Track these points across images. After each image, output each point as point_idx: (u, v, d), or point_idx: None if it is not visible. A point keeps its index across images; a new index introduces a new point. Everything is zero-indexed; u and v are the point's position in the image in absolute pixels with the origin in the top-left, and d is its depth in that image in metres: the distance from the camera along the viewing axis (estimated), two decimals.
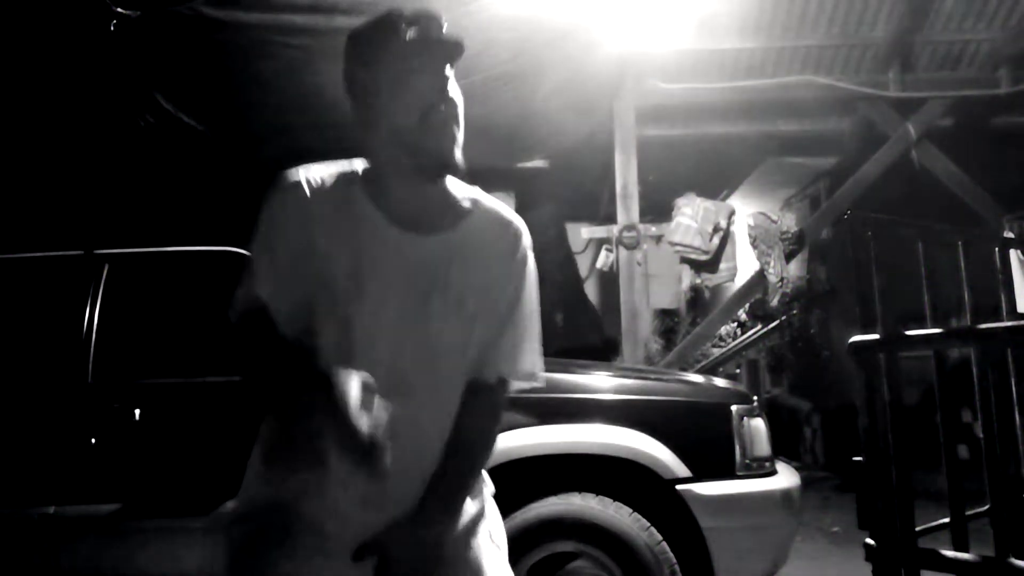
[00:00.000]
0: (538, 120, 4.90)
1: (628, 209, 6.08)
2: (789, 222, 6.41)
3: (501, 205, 1.41)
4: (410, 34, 1.24)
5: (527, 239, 1.40)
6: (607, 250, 6.62)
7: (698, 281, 6.53)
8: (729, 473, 2.77)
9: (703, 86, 6.22)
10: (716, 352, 7.37)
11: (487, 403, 1.35)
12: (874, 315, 2.26)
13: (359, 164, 1.33)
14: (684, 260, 6.39)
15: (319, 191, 1.27)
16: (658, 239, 6.30)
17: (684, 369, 6.02)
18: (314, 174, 1.29)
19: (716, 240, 6.24)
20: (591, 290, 8.38)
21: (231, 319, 1.31)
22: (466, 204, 1.35)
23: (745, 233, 6.47)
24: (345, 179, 1.30)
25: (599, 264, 6.81)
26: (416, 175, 1.28)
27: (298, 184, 1.27)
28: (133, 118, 4.29)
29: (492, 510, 1.42)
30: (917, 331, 2.29)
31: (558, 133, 5.37)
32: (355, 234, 1.26)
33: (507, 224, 1.39)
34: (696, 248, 6.20)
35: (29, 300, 3.09)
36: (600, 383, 2.97)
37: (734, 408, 2.83)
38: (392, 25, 1.25)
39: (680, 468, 2.72)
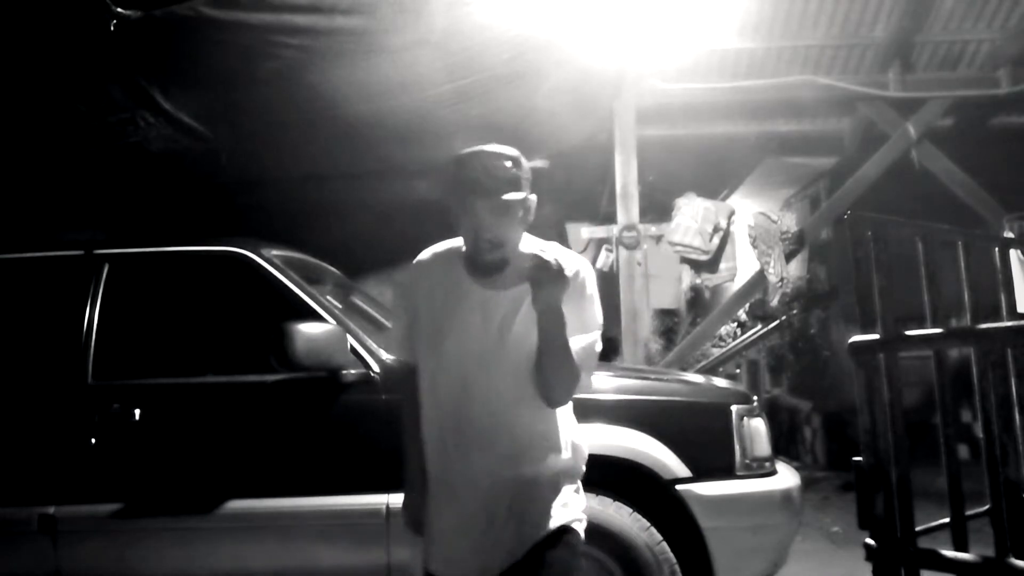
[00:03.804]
0: (538, 120, 4.89)
1: (628, 209, 6.07)
2: (789, 222, 6.41)
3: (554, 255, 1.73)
4: (466, 173, 1.70)
5: (571, 269, 1.76)
6: (607, 250, 6.61)
7: (698, 281, 6.53)
8: (729, 473, 2.77)
9: (703, 86, 6.22)
10: (716, 352, 7.37)
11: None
12: (874, 315, 2.26)
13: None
14: (684, 260, 6.39)
15: (434, 261, 1.89)
16: (658, 239, 6.29)
17: (684, 369, 6.02)
18: (434, 250, 1.90)
19: (716, 240, 6.24)
20: None
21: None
22: (527, 264, 1.71)
23: (745, 233, 6.47)
24: (453, 252, 1.87)
25: (599, 264, 6.80)
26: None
27: (419, 261, 1.90)
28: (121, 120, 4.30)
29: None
30: (917, 331, 2.29)
31: (558, 133, 5.36)
32: (453, 288, 1.83)
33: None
34: (696, 248, 6.20)
35: (29, 300, 3.09)
36: (600, 383, 2.96)
37: (734, 408, 2.83)
38: (458, 163, 1.73)
39: (680, 468, 2.72)
